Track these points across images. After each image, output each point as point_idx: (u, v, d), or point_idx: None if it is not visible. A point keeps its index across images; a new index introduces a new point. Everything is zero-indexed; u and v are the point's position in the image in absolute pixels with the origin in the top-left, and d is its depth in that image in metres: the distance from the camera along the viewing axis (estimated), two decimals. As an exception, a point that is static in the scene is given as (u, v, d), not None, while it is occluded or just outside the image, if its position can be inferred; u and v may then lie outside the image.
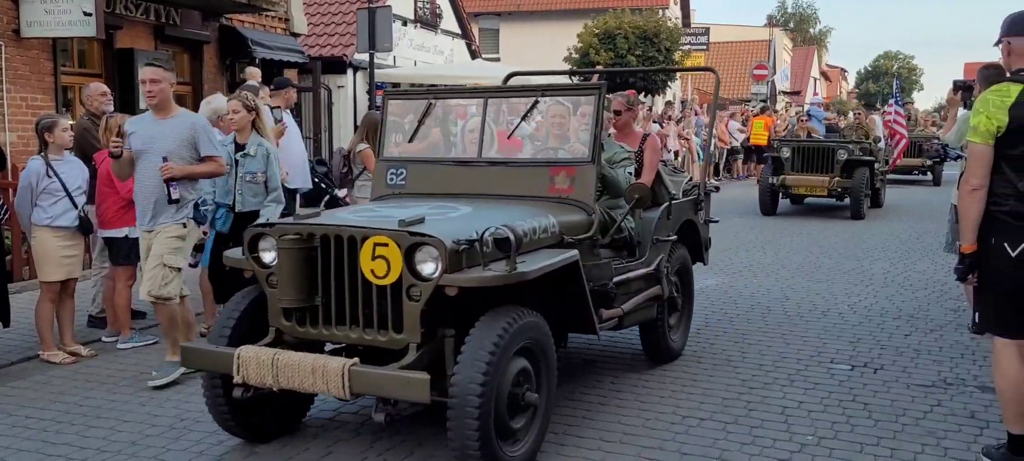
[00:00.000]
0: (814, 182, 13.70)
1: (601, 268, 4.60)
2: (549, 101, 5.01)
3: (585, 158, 4.68)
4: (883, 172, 15.47)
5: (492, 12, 33.47)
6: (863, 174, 13.68)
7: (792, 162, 13.90)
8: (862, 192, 13.57)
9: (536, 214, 4.27)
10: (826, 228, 12.63)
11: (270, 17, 14.70)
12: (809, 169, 13.80)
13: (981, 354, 5.82)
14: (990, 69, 6.72)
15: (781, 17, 68.61)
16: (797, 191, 13.96)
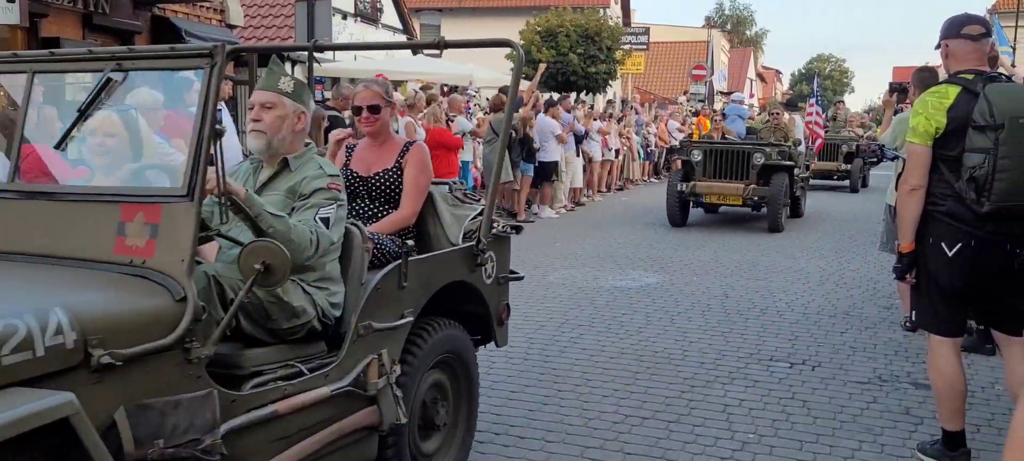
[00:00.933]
0: (727, 190, 12.21)
1: (189, 410, 2.41)
2: (140, 82, 3.35)
3: (175, 191, 2.60)
4: (804, 178, 14.07)
5: (433, 8, 33.30)
6: (782, 181, 12.11)
7: (704, 166, 12.40)
8: (780, 202, 12.08)
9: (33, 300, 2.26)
10: (763, 226, 12.82)
11: (205, 8, 14.34)
12: (722, 175, 12.30)
13: (914, 351, 5.94)
14: (924, 71, 6.88)
15: (719, 18, 69.76)
16: (709, 199, 12.43)
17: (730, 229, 12.65)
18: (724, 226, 12.94)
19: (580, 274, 8.76)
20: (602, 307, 7.24)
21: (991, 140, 3.67)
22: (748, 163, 12.17)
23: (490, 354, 5.72)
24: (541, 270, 8.94)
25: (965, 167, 3.74)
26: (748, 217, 13.58)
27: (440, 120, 10.69)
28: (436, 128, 10.58)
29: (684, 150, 12.97)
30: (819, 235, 12.02)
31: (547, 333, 6.35)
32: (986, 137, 3.68)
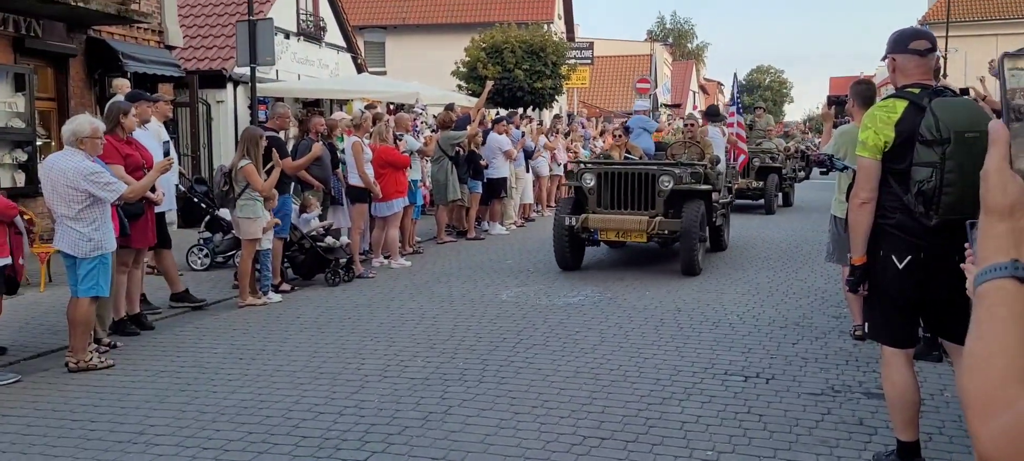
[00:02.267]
0: (628, 223, 9.45)
1: None
2: None
3: None
4: (725, 204, 11.53)
5: (377, 25, 33.13)
6: (696, 210, 9.51)
7: (598, 194, 9.82)
8: (695, 236, 9.43)
9: None
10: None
11: (142, 29, 14.00)
12: (622, 204, 9.75)
13: (864, 360, 6.01)
14: (862, 84, 7.01)
15: (660, 32, 70.76)
16: (606, 236, 9.74)
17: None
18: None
19: (532, 291, 8.71)
20: (556, 325, 7.20)
21: (938, 154, 3.71)
22: (653, 189, 9.63)
23: (445, 377, 5.64)
24: (493, 288, 8.88)
25: (913, 181, 3.78)
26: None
27: (387, 139, 10.58)
28: (383, 147, 10.46)
29: (574, 175, 10.38)
30: (766, 245, 12.17)
31: (501, 354, 6.28)
32: (933, 151, 3.73)
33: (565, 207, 10.00)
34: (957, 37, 30.92)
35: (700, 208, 9.65)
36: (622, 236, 9.69)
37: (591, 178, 9.87)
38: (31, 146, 11.73)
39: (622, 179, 9.84)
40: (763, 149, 17.24)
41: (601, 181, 9.89)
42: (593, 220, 9.64)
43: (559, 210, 10.09)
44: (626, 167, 10.05)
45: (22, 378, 5.85)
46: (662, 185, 9.61)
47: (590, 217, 9.66)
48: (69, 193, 5.89)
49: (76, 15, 12.01)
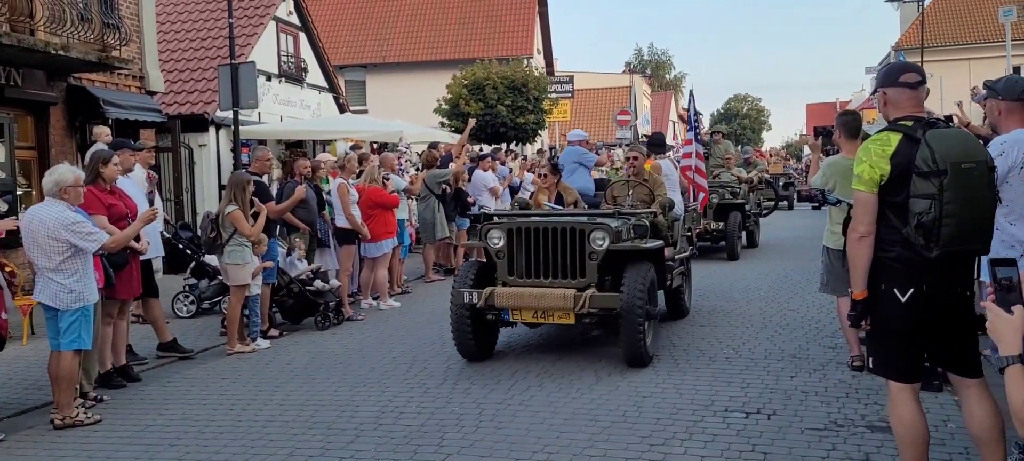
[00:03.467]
0: (549, 299, 6.91)
1: None
2: None
3: None
4: (684, 260, 8.98)
5: (358, 64, 33.21)
6: (642, 278, 6.96)
7: (510, 257, 7.22)
8: (641, 315, 6.81)
9: None
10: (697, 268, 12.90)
11: (123, 75, 13.91)
12: (541, 271, 7.13)
13: (864, 392, 5.96)
14: (848, 115, 7.06)
15: (638, 64, 71.39)
16: (519, 317, 7.11)
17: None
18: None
19: (523, 329, 8.62)
20: (549, 366, 7.10)
21: (936, 186, 3.70)
22: (583, 249, 7.02)
23: (441, 424, 5.54)
24: (485, 329, 8.78)
25: (912, 213, 3.75)
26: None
27: (376, 180, 10.51)
28: (372, 188, 10.40)
29: (479, 232, 7.61)
30: (756, 274, 12.16)
31: (496, 397, 6.19)
32: (930, 183, 3.71)
33: (466, 276, 7.33)
34: (931, 62, 31.36)
35: (647, 274, 7.04)
36: (542, 316, 6.99)
37: (499, 236, 7.22)
38: (11, 196, 11.55)
39: (540, 237, 7.10)
40: (721, 182, 14.90)
41: (513, 240, 7.18)
42: (501, 295, 6.99)
43: (458, 281, 7.34)
44: (545, 221, 7.28)
45: (6, 437, 5.69)
46: (594, 244, 6.95)
47: (497, 291, 7.02)
48: (50, 244, 5.77)
49: (56, 63, 11.91)
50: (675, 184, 9.98)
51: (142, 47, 14.52)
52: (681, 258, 8.84)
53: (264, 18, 19.02)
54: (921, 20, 33.20)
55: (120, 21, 13.12)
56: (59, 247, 5.77)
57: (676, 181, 10.13)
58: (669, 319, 8.75)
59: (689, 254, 9.46)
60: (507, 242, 7.24)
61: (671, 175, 9.92)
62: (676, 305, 8.96)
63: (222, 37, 17.21)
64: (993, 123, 4.89)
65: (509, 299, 7.02)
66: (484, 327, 7.35)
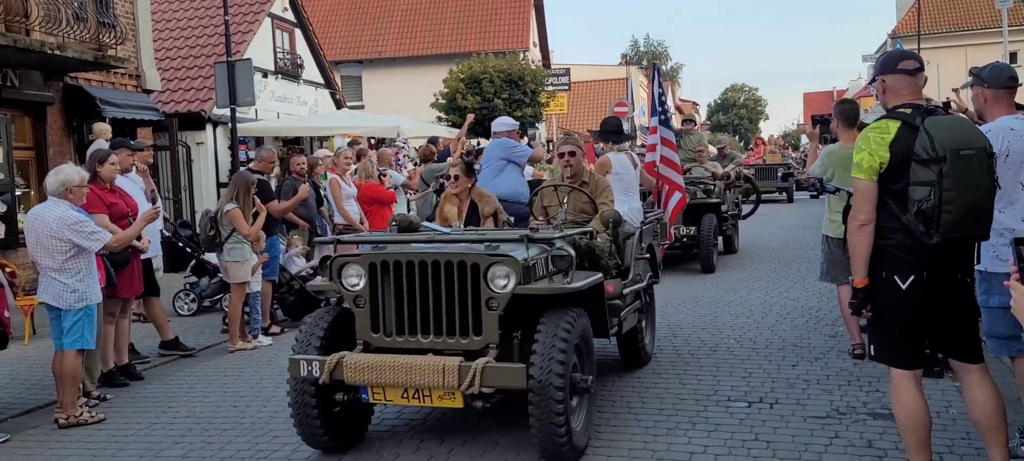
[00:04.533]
0: (421, 372, 4.53)
1: None
2: None
3: None
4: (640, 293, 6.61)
5: (353, 59, 33.17)
6: (566, 331, 4.59)
7: (375, 307, 4.89)
8: (561, 390, 4.44)
9: None
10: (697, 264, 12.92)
11: (120, 74, 13.89)
12: (418, 326, 4.81)
13: (866, 379, 5.98)
14: (845, 104, 7.08)
15: (634, 55, 71.37)
16: (383, 396, 4.72)
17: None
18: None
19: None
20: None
21: (935, 173, 3.71)
22: (477, 294, 4.71)
23: (438, 425, 5.55)
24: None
25: (912, 200, 3.77)
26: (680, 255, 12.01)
27: (372, 175, 10.51)
28: (368, 184, 10.40)
29: (330, 267, 5.06)
30: (756, 265, 12.17)
31: (500, 390, 6.18)
32: (930, 170, 3.72)
33: (312, 332, 4.96)
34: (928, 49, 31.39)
35: (574, 326, 4.64)
36: (415, 397, 4.65)
37: (358, 275, 4.88)
38: (9, 196, 11.55)
39: (416, 276, 4.75)
40: (693, 179, 12.40)
41: (378, 280, 4.83)
42: (354, 367, 4.63)
43: (299, 339, 4.97)
44: (422, 251, 4.82)
45: (11, 437, 5.70)
46: (493, 285, 4.62)
47: (347, 361, 4.64)
48: (53, 244, 5.78)
49: (53, 63, 11.89)
50: (632, 185, 7.75)
51: (138, 46, 14.50)
52: (636, 289, 6.33)
53: (259, 15, 19.00)
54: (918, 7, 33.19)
55: (115, 20, 13.10)
56: (62, 247, 5.77)
57: (633, 182, 7.81)
58: (625, 370, 6.54)
59: (647, 284, 6.76)
60: (369, 283, 4.82)
61: (626, 174, 7.68)
62: (631, 352, 6.54)
63: (218, 34, 17.20)
64: (979, 110, 4.89)
65: (365, 372, 4.59)
66: (333, 410, 4.89)
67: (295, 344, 4.96)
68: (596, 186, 6.48)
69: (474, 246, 4.90)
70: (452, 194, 6.59)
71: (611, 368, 6.68)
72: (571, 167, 6.43)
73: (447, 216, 6.52)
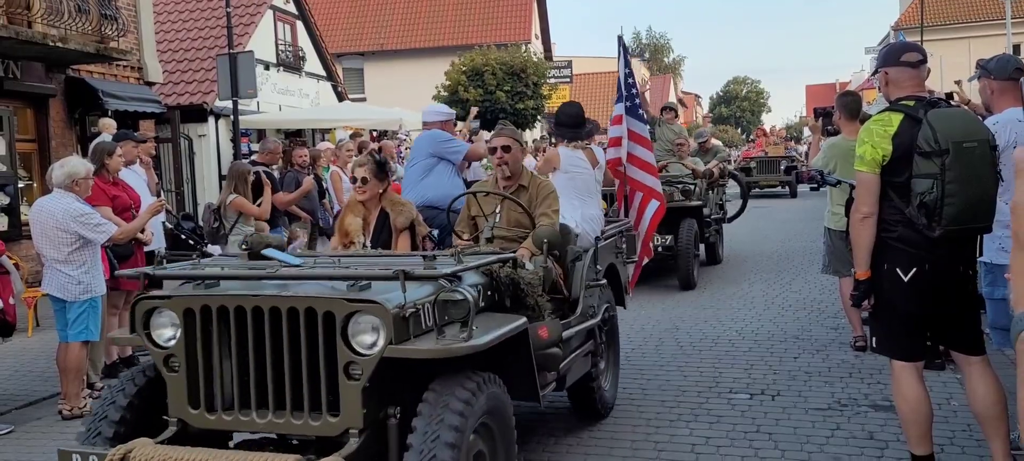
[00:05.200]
0: None
1: None
2: None
3: None
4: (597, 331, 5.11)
5: (355, 52, 33.14)
6: (460, 413, 3.19)
7: (194, 372, 3.46)
8: None
9: None
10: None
11: (122, 66, 13.90)
12: (252, 399, 3.41)
13: (867, 371, 5.99)
14: (847, 96, 7.07)
15: (636, 47, 71.26)
16: None
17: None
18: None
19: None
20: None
21: (937, 165, 3.71)
22: (332, 357, 3.30)
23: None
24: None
25: (914, 193, 3.77)
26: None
27: (372, 168, 10.48)
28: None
29: (132, 315, 3.69)
30: (758, 258, 12.18)
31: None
32: (932, 163, 3.72)
33: (104, 411, 3.68)
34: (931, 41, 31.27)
35: (480, 401, 3.34)
36: None
37: (172, 325, 3.58)
38: (12, 188, 11.58)
39: (246, 328, 3.40)
40: (670, 178, 10.42)
41: (195, 333, 3.49)
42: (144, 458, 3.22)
43: (88, 417, 3.77)
44: (254, 293, 3.44)
45: (15, 428, 5.73)
46: (357, 343, 3.29)
47: (137, 452, 3.24)
48: (58, 235, 5.80)
49: (55, 55, 11.90)
50: (589, 187, 5.88)
51: (140, 38, 14.50)
52: (586, 329, 4.86)
53: (261, 7, 18.99)
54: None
55: (117, 12, 13.09)
56: (67, 238, 5.79)
57: (590, 182, 5.91)
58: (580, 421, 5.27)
59: (602, 320, 5.13)
60: (185, 337, 3.49)
61: (579, 173, 5.86)
62: (584, 403, 5.20)
63: (220, 27, 17.20)
64: (986, 102, 4.89)
65: None
66: None
67: (82, 426, 3.67)
68: (537, 192, 4.96)
69: (333, 286, 3.44)
70: (357, 201, 4.94)
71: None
72: (506, 166, 4.97)
73: (349, 230, 4.92)
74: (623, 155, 6.92)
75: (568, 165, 5.87)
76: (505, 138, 5.01)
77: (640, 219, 6.86)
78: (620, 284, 5.90)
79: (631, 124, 6.94)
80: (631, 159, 6.91)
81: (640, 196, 6.86)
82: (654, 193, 6.85)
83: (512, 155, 4.97)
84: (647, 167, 6.92)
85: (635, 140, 6.92)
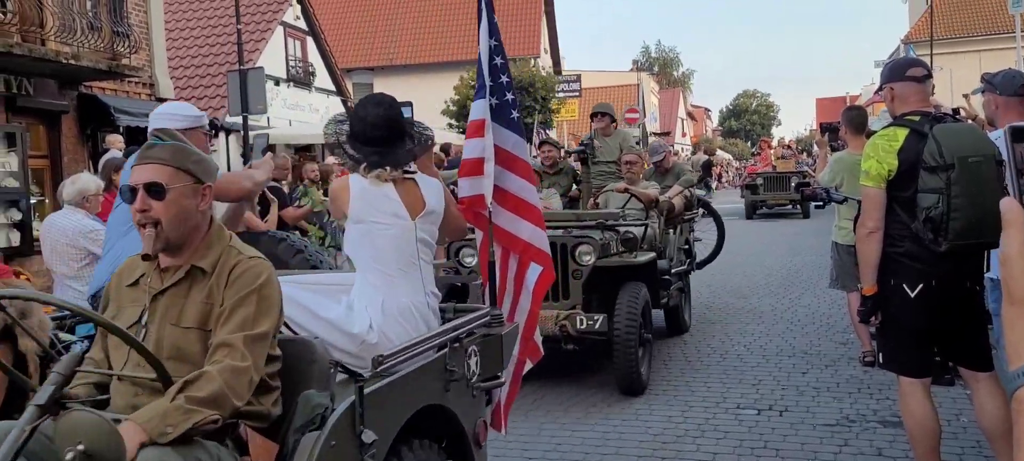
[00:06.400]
0: None
1: None
2: None
3: None
4: None
5: (365, 67, 33.29)
6: None
7: None
8: None
9: None
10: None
11: (133, 83, 14.02)
12: None
13: (876, 387, 5.96)
14: (853, 110, 7.07)
15: (645, 61, 71.38)
16: None
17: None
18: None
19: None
20: (563, 362, 7.11)
21: (943, 180, 3.71)
22: None
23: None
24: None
25: (920, 208, 3.77)
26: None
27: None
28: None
29: None
30: (766, 272, 12.16)
31: (510, 397, 6.19)
32: (938, 177, 3.72)
33: None
34: (941, 54, 31.25)
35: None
36: None
37: None
38: (25, 203, 11.67)
39: None
40: (605, 220, 6.81)
41: None
42: None
43: None
44: None
45: (25, 444, 5.75)
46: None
47: None
48: (69, 251, 5.85)
49: (67, 72, 12.01)
50: (404, 255, 3.41)
51: (152, 54, 14.63)
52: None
53: (272, 23, 19.14)
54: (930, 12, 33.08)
55: (129, 29, 13.22)
56: (78, 254, 5.84)
57: (406, 244, 3.43)
58: None
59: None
60: None
61: (384, 229, 3.39)
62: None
63: (230, 43, 17.32)
64: (990, 117, 4.87)
65: None
66: None
67: None
68: None
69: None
70: None
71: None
72: None
73: None
74: (486, 190, 3.72)
75: (364, 210, 3.39)
76: None
77: (516, 303, 3.94)
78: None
79: (500, 136, 3.84)
80: (502, 197, 3.82)
81: (516, 262, 3.91)
82: (534, 252, 3.89)
83: None
84: (525, 209, 3.88)
85: (507, 163, 3.85)
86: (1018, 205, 1.09)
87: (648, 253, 6.67)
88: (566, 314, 5.99)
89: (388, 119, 3.46)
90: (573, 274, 6.10)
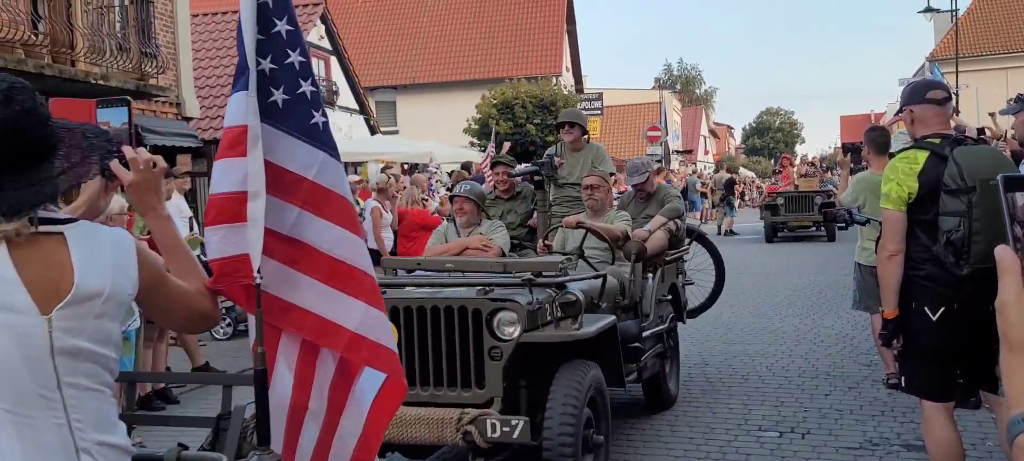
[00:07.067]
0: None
1: None
2: None
3: None
4: None
5: (388, 85, 33.56)
6: None
7: None
8: None
9: None
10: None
11: (160, 102, 14.22)
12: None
13: (899, 410, 5.91)
14: (875, 131, 7.04)
15: (668, 79, 71.34)
16: None
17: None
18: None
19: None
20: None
21: (964, 203, 3.70)
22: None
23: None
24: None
25: (941, 231, 3.75)
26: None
27: (418, 201, 10.62)
28: (416, 210, 10.50)
29: None
30: (789, 291, 12.08)
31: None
32: (959, 200, 3.71)
33: None
34: (966, 72, 31.00)
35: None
36: None
37: None
38: (53, 222, 11.85)
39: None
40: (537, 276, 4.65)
41: None
42: None
43: None
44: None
45: None
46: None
47: None
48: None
49: (96, 92, 12.20)
50: None
51: (178, 74, 14.84)
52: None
53: (296, 43, 19.35)
54: (955, 30, 32.83)
55: (157, 49, 13.42)
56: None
57: None
58: None
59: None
60: None
61: None
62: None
63: (256, 63, 17.53)
64: (1021, 138, 4.85)
65: None
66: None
67: None
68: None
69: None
70: None
71: (639, 393, 6.66)
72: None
73: None
74: (251, 245, 2.20)
75: None
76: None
77: (328, 450, 2.29)
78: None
79: (286, 153, 2.31)
80: (294, 255, 2.27)
81: (329, 366, 2.28)
82: (368, 349, 2.25)
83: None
84: (345, 275, 2.27)
85: (308, 200, 2.31)
86: (1012, 252, 1.10)
87: (604, 318, 4.77)
88: (474, 416, 4.13)
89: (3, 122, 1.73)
90: (490, 353, 4.27)
